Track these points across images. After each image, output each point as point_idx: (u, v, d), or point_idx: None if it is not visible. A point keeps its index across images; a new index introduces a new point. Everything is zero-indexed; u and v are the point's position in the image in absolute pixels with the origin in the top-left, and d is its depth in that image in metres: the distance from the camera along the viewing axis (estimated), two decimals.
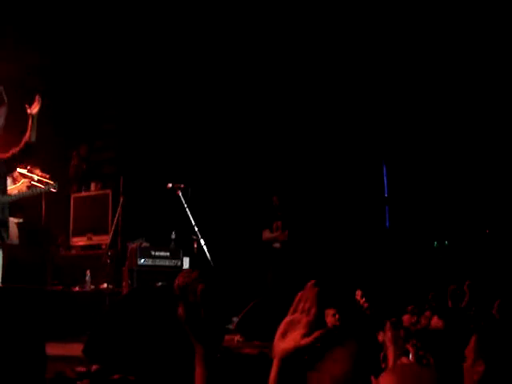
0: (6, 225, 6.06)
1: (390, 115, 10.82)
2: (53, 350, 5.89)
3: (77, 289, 8.00)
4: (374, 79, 10.55)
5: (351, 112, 10.77)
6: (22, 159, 6.47)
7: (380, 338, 6.23)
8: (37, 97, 6.05)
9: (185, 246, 8.31)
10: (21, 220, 8.92)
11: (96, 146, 11.29)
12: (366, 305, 6.52)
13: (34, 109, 6.01)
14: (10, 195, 6.35)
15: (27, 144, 6.01)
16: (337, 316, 7.53)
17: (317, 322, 2.03)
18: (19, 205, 8.96)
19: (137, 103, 10.93)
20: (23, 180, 9.06)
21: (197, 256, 7.88)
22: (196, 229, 7.22)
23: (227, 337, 6.76)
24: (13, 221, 8.83)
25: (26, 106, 6.05)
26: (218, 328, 2.00)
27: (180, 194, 7.25)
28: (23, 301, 4.86)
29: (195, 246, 7.83)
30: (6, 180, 6.28)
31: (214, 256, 7.27)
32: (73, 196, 9.92)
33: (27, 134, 6.01)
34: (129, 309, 4.54)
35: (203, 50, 10.38)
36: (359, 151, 11.07)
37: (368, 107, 10.73)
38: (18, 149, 6.03)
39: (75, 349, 5.45)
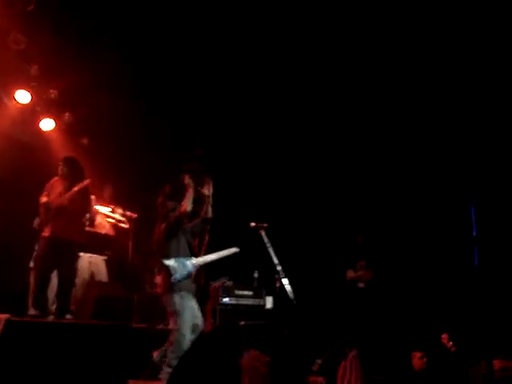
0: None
1: (477, 150, 10.51)
2: None
3: (160, 326, 8.09)
4: (462, 115, 10.30)
5: (436, 148, 10.55)
6: (204, 229, 7.48)
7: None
8: (208, 179, 7.07)
9: (268, 285, 8.29)
10: (106, 257, 9.18)
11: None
12: (453, 349, 6.32)
13: (208, 190, 7.02)
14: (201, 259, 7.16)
15: (205, 218, 7.01)
16: (424, 359, 7.33)
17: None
18: (107, 242, 9.25)
19: (219, 144, 11.11)
20: (102, 217, 9.38)
21: (280, 295, 7.83)
22: (279, 268, 7.18)
23: (311, 378, 6.66)
24: (100, 258, 9.11)
25: (199, 188, 7.05)
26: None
27: (263, 234, 7.26)
28: (110, 338, 4.94)
29: (278, 285, 7.79)
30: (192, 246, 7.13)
31: (297, 295, 7.20)
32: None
33: (204, 209, 7.00)
34: (211, 346, 4.54)
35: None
36: (446, 189, 10.81)
37: (454, 141, 10.48)
38: (197, 221, 7.00)
39: None
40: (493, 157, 10.38)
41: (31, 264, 8.82)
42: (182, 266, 6.62)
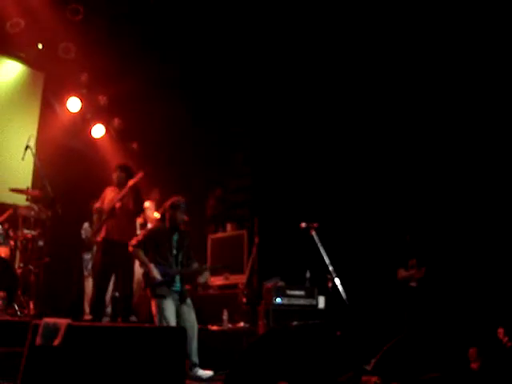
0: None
1: None
2: None
3: (215, 327, 8.17)
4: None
5: (486, 143, 10.34)
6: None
7: None
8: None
9: (320, 285, 8.29)
10: None
11: (231, 188, 11.59)
12: (509, 343, 6.24)
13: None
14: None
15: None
16: (480, 356, 7.25)
17: None
18: None
19: (269, 146, 11.15)
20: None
21: (332, 295, 7.83)
22: (330, 268, 7.19)
23: (364, 378, 6.63)
24: None
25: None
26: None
27: (314, 233, 7.26)
28: (166, 340, 5.01)
29: (330, 285, 7.79)
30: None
31: (349, 295, 7.20)
32: (210, 237, 10.24)
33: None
34: (267, 348, 4.58)
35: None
36: (498, 181, 10.59)
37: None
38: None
39: None
40: None
41: (85, 272, 9.04)
42: None
